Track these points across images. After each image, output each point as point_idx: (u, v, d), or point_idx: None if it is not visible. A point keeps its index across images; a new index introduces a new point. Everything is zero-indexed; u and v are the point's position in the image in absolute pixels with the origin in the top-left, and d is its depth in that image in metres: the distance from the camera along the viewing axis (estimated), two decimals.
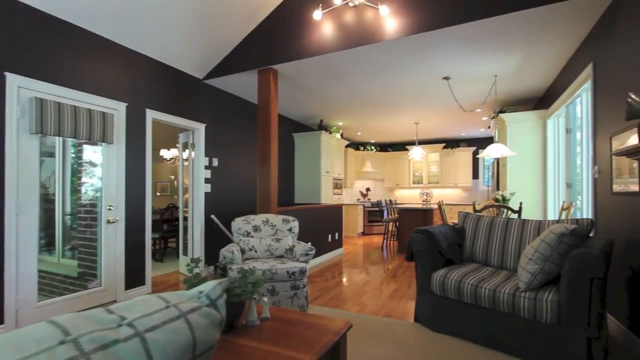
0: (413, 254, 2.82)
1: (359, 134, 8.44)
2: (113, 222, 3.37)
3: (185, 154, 4.77)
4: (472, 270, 2.61)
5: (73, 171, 3.35)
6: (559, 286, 2.13)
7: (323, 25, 3.62)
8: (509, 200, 4.26)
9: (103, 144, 3.35)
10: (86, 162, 3.41)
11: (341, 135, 7.72)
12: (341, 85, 4.72)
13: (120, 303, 0.54)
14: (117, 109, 3.45)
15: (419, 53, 3.62)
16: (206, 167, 4.56)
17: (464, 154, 8.93)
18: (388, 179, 9.91)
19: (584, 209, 3.45)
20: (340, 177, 7.85)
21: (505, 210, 3.95)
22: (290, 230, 3.66)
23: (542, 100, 5.24)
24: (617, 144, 2.49)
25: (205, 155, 4.54)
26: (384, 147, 10.19)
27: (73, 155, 3.35)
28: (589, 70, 3.12)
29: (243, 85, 4.63)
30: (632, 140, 2.30)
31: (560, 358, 1.97)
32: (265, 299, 1.84)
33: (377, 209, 8.85)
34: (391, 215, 7.33)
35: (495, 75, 4.33)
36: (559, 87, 4.23)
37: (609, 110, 2.71)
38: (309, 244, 5.01)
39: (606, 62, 2.78)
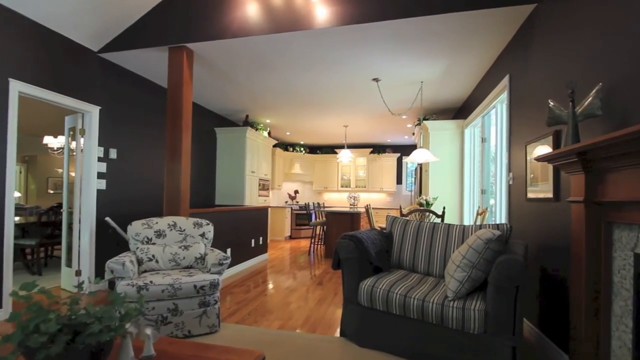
0: (340, 261, 2.57)
1: (288, 134, 8.13)
2: None
3: (73, 143, 3.86)
4: (400, 278, 2.45)
5: None
6: (485, 293, 2.07)
7: (247, 4, 3.20)
8: (431, 204, 4.35)
9: None
10: None
11: (269, 133, 7.31)
12: (269, 77, 4.34)
13: None
14: None
15: (350, 48, 3.44)
16: (100, 159, 3.74)
17: (390, 160, 9.25)
18: (317, 182, 9.78)
19: (498, 214, 3.63)
20: (267, 177, 7.43)
21: (429, 214, 4.00)
22: (202, 235, 3.14)
23: (461, 111, 5.57)
24: (532, 152, 2.59)
25: (100, 145, 3.73)
26: (313, 149, 10.05)
27: None
28: (505, 81, 3.28)
29: (152, 64, 3.94)
30: (545, 148, 2.39)
31: None
32: (148, 331, 1.37)
33: (305, 212, 8.62)
34: (319, 218, 7.15)
35: (422, 82, 4.41)
36: (476, 99, 4.49)
37: (524, 120, 2.83)
38: (229, 250, 4.50)
39: (521, 74, 2.92)
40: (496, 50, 3.44)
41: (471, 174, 4.91)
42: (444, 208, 3.77)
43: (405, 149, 9.33)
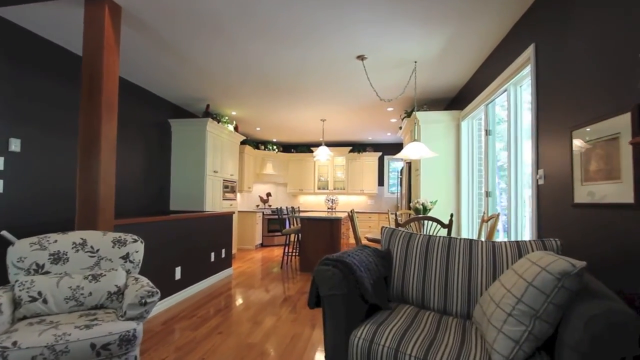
0: (319, 298, 1.75)
1: (258, 129, 7.23)
2: None
3: None
4: (409, 322, 1.66)
5: None
6: (552, 357, 1.32)
7: None
8: (429, 209, 3.63)
9: None
10: None
11: (235, 128, 6.37)
12: (229, 53, 3.46)
13: None
14: None
15: (328, 10, 2.64)
16: None
17: (370, 159, 8.54)
18: (292, 183, 8.92)
19: (513, 222, 2.93)
20: (234, 178, 6.48)
21: (430, 222, 3.25)
22: (125, 258, 2.22)
23: (455, 101, 4.92)
24: (583, 140, 1.89)
25: None
26: (287, 147, 9.19)
27: None
28: (528, 53, 2.58)
29: (68, 25, 2.95)
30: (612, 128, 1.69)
31: None
32: None
33: (278, 217, 7.75)
34: (294, 225, 6.30)
35: (415, 62, 3.69)
36: (478, 85, 3.82)
37: (565, 99, 2.13)
38: (178, 270, 3.56)
39: (557, 39, 2.22)
40: (511, 19, 2.76)
41: (470, 174, 4.24)
42: (451, 215, 3.02)
43: (388, 148, 8.66)
